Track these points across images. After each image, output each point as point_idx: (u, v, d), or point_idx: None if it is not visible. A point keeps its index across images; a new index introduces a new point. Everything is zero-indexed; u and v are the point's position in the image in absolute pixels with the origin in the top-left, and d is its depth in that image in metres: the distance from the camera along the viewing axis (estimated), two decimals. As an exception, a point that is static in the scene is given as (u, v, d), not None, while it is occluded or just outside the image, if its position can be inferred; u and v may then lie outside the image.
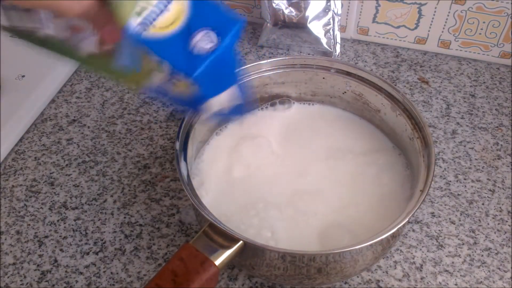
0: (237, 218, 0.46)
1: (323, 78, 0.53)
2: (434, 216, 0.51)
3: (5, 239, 0.49)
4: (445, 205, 0.52)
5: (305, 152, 0.52)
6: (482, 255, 0.48)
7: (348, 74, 0.52)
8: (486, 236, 0.50)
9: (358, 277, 0.47)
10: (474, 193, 0.53)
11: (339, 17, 0.67)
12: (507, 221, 0.51)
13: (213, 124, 0.52)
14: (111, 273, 0.47)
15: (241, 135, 0.53)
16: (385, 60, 0.69)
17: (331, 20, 0.67)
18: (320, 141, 0.53)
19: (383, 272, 0.47)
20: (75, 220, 0.51)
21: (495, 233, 0.50)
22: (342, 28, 0.71)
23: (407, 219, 0.40)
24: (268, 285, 0.46)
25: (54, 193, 0.53)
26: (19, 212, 0.51)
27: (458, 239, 0.50)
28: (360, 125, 0.54)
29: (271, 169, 0.50)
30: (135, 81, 0.40)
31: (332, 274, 0.42)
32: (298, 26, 0.67)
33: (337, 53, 0.69)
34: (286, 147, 0.52)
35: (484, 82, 0.66)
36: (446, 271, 0.47)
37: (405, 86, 0.65)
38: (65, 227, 0.50)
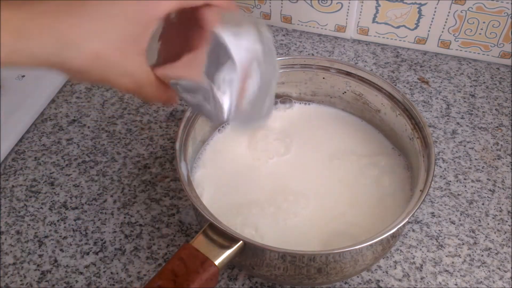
0: (234, 217, 0.46)
1: (323, 78, 0.53)
2: (434, 216, 0.51)
3: (5, 239, 0.49)
4: (445, 205, 0.52)
5: (307, 152, 0.52)
6: (482, 255, 0.48)
7: (348, 74, 0.52)
8: (486, 236, 0.50)
9: (358, 277, 0.47)
10: (474, 193, 0.53)
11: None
12: (507, 221, 0.51)
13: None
14: (111, 273, 0.47)
15: (242, 134, 0.53)
16: (385, 60, 0.69)
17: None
18: (321, 141, 0.53)
19: (383, 272, 0.47)
20: (75, 220, 0.51)
21: (495, 233, 0.50)
22: (342, 28, 0.71)
23: (407, 219, 0.40)
24: (268, 285, 0.46)
25: (54, 193, 0.53)
26: (19, 212, 0.51)
27: (458, 239, 0.50)
28: (360, 126, 0.54)
29: (273, 169, 0.50)
30: None
31: (332, 274, 0.42)
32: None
33: None
34: (287, 147, 0.52)
35: (484, 82, 0.66)
36: (446, 271, 0.47)
37: (405, 86, 0.65)
38: (65, 227, 0.50)
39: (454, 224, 0.51)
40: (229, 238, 0.39)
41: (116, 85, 0.35)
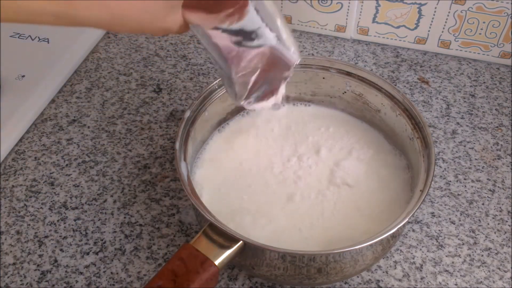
0: (233, 219, 0.46)
1: (323, 78, 0.53)
2: (434, 216, 0.51)
3: (5, 239, 0.49)
4: (445, 205, 0.52)
5: (306, 153, 0.52)
6: (482, 255, 0.48)
7: (348, 74, 0.52)
8: (486, 236, 0.50)
9: (358, 277, 0.47)
10: (474, 193, 0.53)
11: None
12: (507, 221, 0.51)
13: (215, 122, 0.52)
14: (111, 273, 0.47)
15: (241, 134, 0.53)
16: (385, 60, 0.69)
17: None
18: (321, 142, 0.53)
19: (383, 272, 0.47)
20: (75, 220, 0.51)
21: (495, 233, 0.50)
22: (342, 28, 0.71)
23: (407, 219, 0.40)
24: (268, 285, 0.46)
25: (54, 193, 0.53)
26: (19, 212, 0.51)
27: (458, 239, 0.50)
28: (360, 126, 0.54)
29: (272, 170, 0.50)
30: None
31: (332, 274, 0.42)
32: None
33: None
34: (287, 147, 0.52)
35: (484, 82, 0.66)
36: (446, 271, 0.47)
37: (405, 86, 0.65)
38: (65, 227, 0.50)
39: (454, 224, 0.51)
40: (229, 238, 0.39)
41: (152, 34, 0.38)
